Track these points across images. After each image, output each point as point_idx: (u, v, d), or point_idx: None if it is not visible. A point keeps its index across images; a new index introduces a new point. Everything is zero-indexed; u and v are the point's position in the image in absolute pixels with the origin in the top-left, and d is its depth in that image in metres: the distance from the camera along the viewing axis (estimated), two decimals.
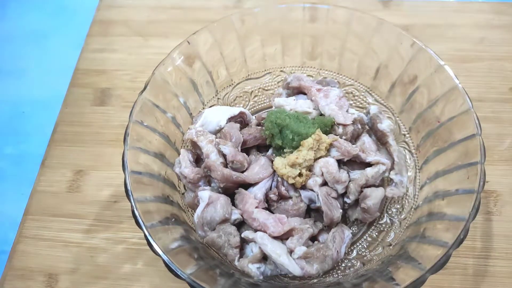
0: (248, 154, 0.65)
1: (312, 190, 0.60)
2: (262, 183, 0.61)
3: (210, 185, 0.63)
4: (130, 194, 0.52)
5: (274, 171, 0.61)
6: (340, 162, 0.62)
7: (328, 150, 0.61)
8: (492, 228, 0.67)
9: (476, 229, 0.67)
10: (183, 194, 0.65)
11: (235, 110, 0.67)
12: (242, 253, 0.58)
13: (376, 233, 0.64)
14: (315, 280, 0.58)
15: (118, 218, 0.71)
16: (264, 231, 0.57)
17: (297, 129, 0.61)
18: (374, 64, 0.70)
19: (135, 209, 0.51)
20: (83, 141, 0.80)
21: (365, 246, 0.63)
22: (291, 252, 0.56)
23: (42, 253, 0.69)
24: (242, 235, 0.57)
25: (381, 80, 0.71)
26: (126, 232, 0.70)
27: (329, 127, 0.64)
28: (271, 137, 0.62)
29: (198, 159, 0.66)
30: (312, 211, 0.64)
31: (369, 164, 0.63)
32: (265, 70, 0.76)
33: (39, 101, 1.38)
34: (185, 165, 0.61)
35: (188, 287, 0.48)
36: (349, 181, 0.62)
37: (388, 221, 0.64)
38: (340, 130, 0.64)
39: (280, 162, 0.60)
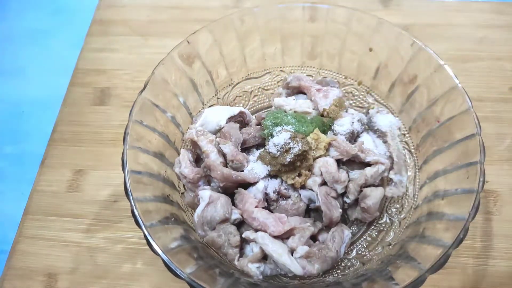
0: (248, 154, 0.65)
1: (311, 189, 0.60)
2: (262, 182, 0.61)
3: (209, 185, 0.63)
4: (129, 193, 0.52)
5: None
6: (339, 162, 0.62)
7: (327, 150, 0.61)
8: (492, 227, 0.67)
9: (475, 228, 0.67)
10: (182, 193, 0.65)
11: (235, 110, 0.67)
12: (241, 253, 0.58)
13: (376, 233, 0.64)
14: (315, 280, 0.58)
15: (117, 218, 0.71)
16: (264, 231, 0.57)
17: (295, 129, 0.61)
18: (374, 64, 0.70)
19: (134, 209, 0.51)
20: (82, 140, 0.80)
21: (365, 246, 0.63)
22: (292, 251, 0.56)
23: (41, 253, 0.69)
24: (243, 236, 0.57)
25: (381, 80, 0.71)
26: (126, 231, 0.70)
27: (327, 127, 0.64)
28: (269, 136, 0.62)
29: (198, 159, 0.66)
30: (311, 211, 0.64)
31: (368, 164, 0.63)
32: (264, 70, 0.76)
33: (38, 100, 1.38)
34: (185, 165, 0.61)
35: (187, 287, 0.48)
36: (349, 180, 0.62)
37: (388, 220, 0.64)
38: (338, 129, 0.64)
39: None
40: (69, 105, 0.85)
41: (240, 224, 0.60)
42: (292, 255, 0.56)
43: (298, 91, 0.71)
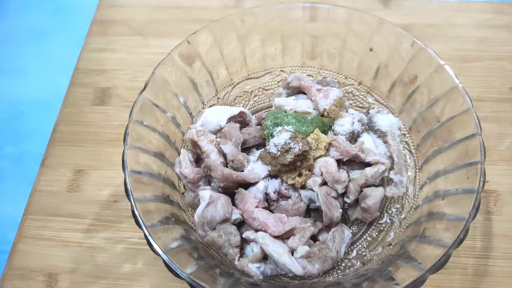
0: (248, 154, 0.65)
1: (311, 190, 0.60)
2: (262, 182, 0.61)
3: (210, 185, 0.63)
4: (130, 193, 0.52)
5: None
6: (339, 162, 0.62)
7: (327, 150, 0.61)
8: (492, 227, 0.67)
9: (476, 228, 0.67)
10: (183, 193, 0.65)
11: (235, 110, 0.67)
12: (242, 253, 0.58)
13: (376, 233, 0.64)
14: (315, 280, 0.58)
15: (118, 218, 0.71)
16: (265, 231, 0.57)
17: (296, 129, 0.61)
18: (374, 64, 0.70)
19: (135, 209, 0.51)
20: (83, 140, 0.80)
21: (365, 246, 0.63)
22: (292, 251, 0.56)
23: (42, 253, 0.69)
24: (243, 236, 0.57)
25: (381, 80, 0.71)
26: (126, 231, 0.70)
27: (327, 127, 0.64)
28: (269, 136, 0.62)
29: (198, 159, 0.66)
30: (311, 211, 0.64)
31: (368, 164, 0.63)
32: (265, 70, 0.76)
33: (39, 100, 1.38)
34: (185, 165, 0.61)
35: (188, 287, 0.48)
36: (349, 180, 0.62)
37: (388, 220, 0.64)
38: (339, 129, 0.64)
39: None
40: (70, 105, 0.85)
41: (241, 224, 0.60)
42: (292, 255, 0.56)
43: (298, 91, 0.71)
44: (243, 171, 0.61)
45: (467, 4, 0.92)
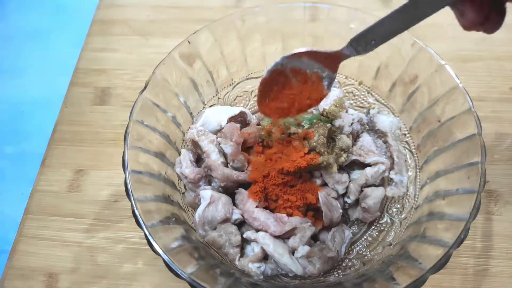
0: (248, 154, 0.65)
1: None
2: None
3: (210, 185, 0.63)
4: (130, 193, 0.52)
5: None
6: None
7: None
8: (493, 228, 0.67)
9: (476, 229, 0.67)
10: (183, 193, 0.65)
11: (235, 110, 0.67)
12: (242, 253, 0.58)
13: (377, 233, 0.64)
14: (316, 280, 0.58)
15: (118, 218, 0.71)
16: (265, 231, 0.57)
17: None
18: (375, 64, 0.70)
19: (135, 209, 0.51)
20: (83, 140, 0.80)
21: (365, 246, 0.63)
22: (293, 251, 0.56)
23: (42, 253, 0.69)
24: (244, 236, 0.57)
25: (381, 80, 0.70)
26: (126, 231, 0.70)
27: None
28: (267, 136, 0.62)
29: (198, 159, 0.66)
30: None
31: (368, 164, 0.63)
32: (265, 70, 0.76)
33: (39, 100, 1.38)
34: (186, 165, 0.61)
35: (188, 287, 0.48)
36: (349, 181, 0.62)
37: (389, 220, 0.64)
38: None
39: None
40: (70, 105, 0.85)
41: (241, 224, 0.60)
42: (293, 255, 0.56)
43: None
44: (243, 171, 0.61)
45: None
